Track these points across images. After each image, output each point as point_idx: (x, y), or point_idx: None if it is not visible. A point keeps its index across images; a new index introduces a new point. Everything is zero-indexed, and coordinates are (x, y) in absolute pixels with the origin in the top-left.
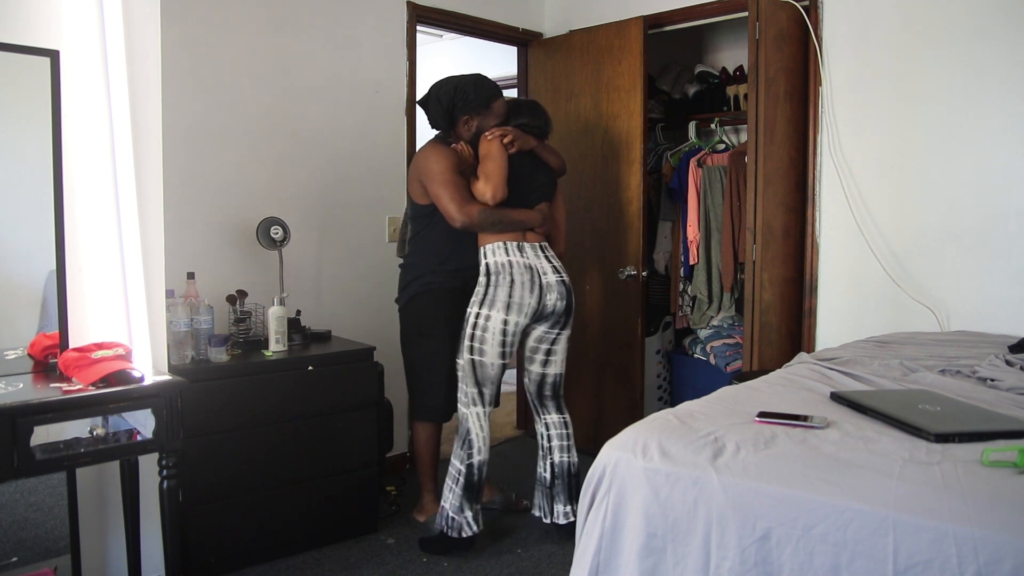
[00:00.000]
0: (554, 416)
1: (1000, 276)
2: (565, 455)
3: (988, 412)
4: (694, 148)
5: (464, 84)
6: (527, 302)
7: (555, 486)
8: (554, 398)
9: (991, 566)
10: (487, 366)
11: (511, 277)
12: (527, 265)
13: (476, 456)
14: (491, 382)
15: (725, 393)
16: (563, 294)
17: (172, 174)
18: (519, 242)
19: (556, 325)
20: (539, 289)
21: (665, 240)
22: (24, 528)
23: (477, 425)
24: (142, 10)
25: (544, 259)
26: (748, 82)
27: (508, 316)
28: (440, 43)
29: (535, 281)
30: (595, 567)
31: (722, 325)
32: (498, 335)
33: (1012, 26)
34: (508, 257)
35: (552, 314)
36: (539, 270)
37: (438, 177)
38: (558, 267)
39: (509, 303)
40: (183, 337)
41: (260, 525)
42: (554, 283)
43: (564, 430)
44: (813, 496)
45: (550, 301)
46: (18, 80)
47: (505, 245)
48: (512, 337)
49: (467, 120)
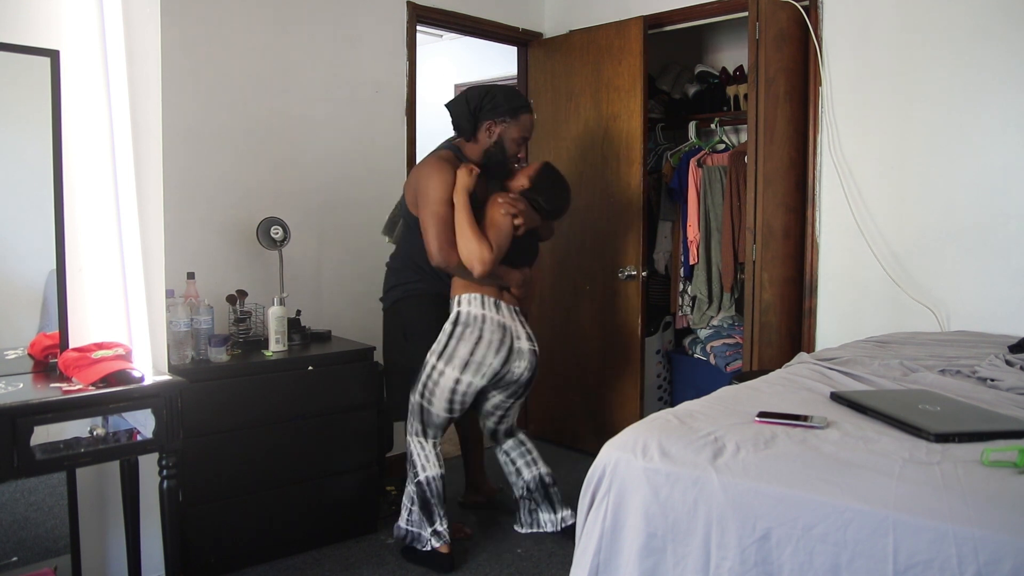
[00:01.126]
0: (508, 442)
1: (1000, 276)
2: (534, 468)
3: (988, 412)
4: (694, 148)
5: (495, 90)
6: (488, 362)
7: (535, 500)
8: (506, 435)
9: (991, 566)
10: (432, 415)
11: (479, 333)
12: (501, 324)
13: (422, 473)
14: (435, 427)
15: (725, 393)
16: (532, 365)
17: (172, 174)
18: (496, 299)
19: (513, 396)
20: (507, 351)
21: (665, 240)
22: (24, 528)
23: (418, 448)
24: (142, 10)
25: (519, 323)
26: (748, 82)
27: (462, 376)
28: (440, 43)
29: (504, 342)
30: (595, 567)
31: (722, 325)
32: (446, 392)
33: (1012, 26)
34: (483, 311)
35: (513, 383)
36: (513, 332)
37: (431, 207)
38: (531, 335)
39: (468, 361)
40: (183, 337)
41: (260, 525)
42: (526, 351)
43: (522, 447)
44: (813, 496)
45: (517, 369)
46: (18, 80)
47: (482, 299)
48: (463, 396)
49: (490, 126)
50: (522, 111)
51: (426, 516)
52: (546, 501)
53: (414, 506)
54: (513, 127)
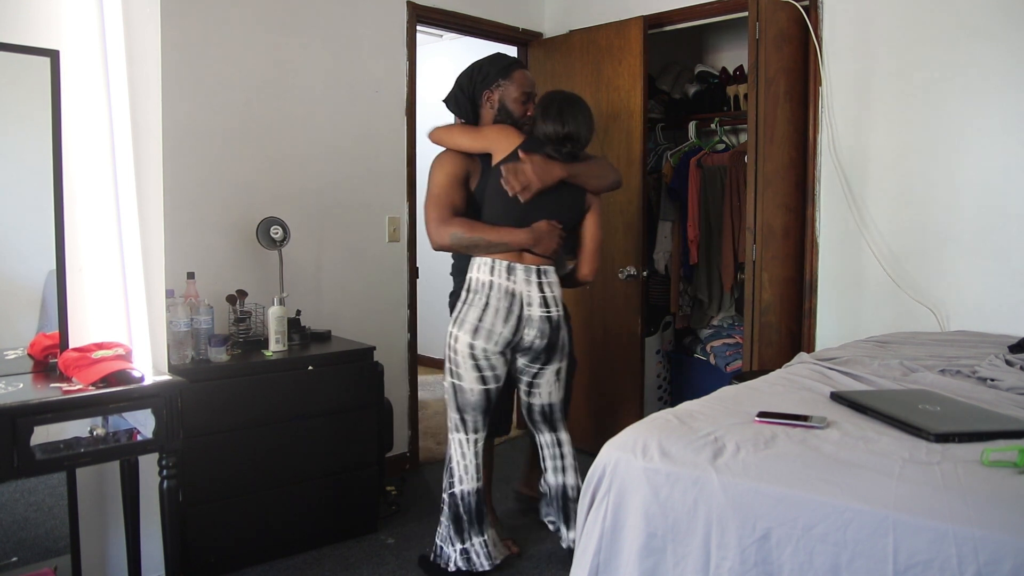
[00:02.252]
0: (546, 435)
1: (1000, 276)
2: (560, 476)
3: (988, 412)
4: (694, 148)
5: (480, 61)
6: (498, 330)
7: (552, 508)
8: (545, 422)
9: (991, 566)
10: (465, 391)
11: (486, 300)
12: (509, 290)
13: (457, 485)
14: (472, 408)
15: (725, 393)
16: (544, 332)
17: (172, 174)
18: (511, 262)
19: (536, 360)
20: (516, 320)
21: (665, 240)
22: (24, 528)
23: (459, 452)
24: (142, 10)
25: (535, 286)
26: (748, 82)
27: (475, 341)
28: (440, 43)
29: (512, 311)
30: (595, 567)
31: (722, 325)
32: (468, 359)
33: (1012, 26)
34: (491, 277)
35: (530, 349)
36: (523, 298)
37: (431, 188)
38: (549, 297)
39: (477, 327)
40: (183, 337)
41: (260, 525)
42: (536, 317)
43: (556, 449)
44: (813, 496)
45: (528, 336)
46: (18, 80)
47: (493, 264)
48: (486, 362)
49: (488, 96)
50: (512, 68)
51: (456, 532)
52: (561, 516)
53: (444, 517)
54: (510, 87)
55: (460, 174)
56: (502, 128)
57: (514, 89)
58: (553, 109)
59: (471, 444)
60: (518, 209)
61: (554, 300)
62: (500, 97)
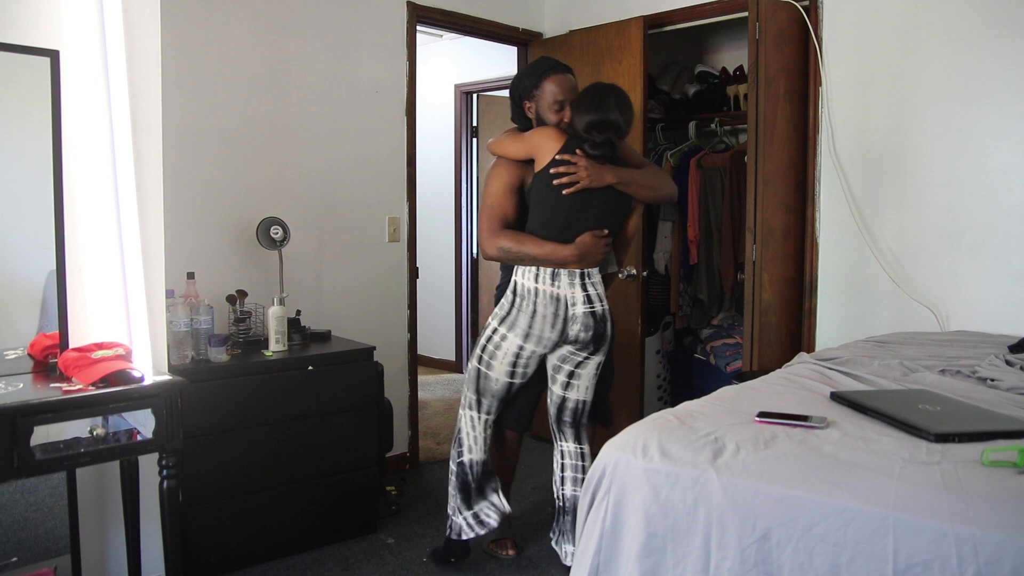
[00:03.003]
0: (570, 445)
1: (1000, 276)
2: (579, 489)
3: (988, 412)
4: (694, 148)
5: (522, 70)
6: (547, 335)
7: (563, 520)
8: (573, 426)
9: (991, 566)
10: (491, 380)
11: (534, 307)
12: (554, 296)
13: (467, 454)
14: (491, 395)
15: (725, 393)
16: (588, 325)
17: (172, 174)
18: (555, 269)
19: (584, 348)
20: (562, 323)
21: (665, 240)
22: (24, 528)
23: (468, 425)
24: (142, 10)
25: (579, 287)
26: (748, 82)
27: (525, 344)
28: (440, 43)
29: (558, 315)
30: (595, 567)
31: (722, 325)
32: (510, 357)
33: (1012, 26)
34: (536, 284)
35: (577, 342)
36: (567, 301)
37: (484, 199)
38: (593, 295)
39: (529, 333)
40: (183, 337)
41: (260, 525)
42: (580, 314)
43: (579, 462)
44: (813, 496)
45: (572, 331)
46: (18, 80)
47: (537, 271)
48: (526, 360)
49: (528, 107)
50: (544, 76)
51: (464, 500)
52: (573, 530)
53: (452, 488)
54: (544, 95)
55: (513, 182)
56: (543, 130)
57: (549, 97)
58: (587, 98)
59: (482, 423)
60: (564, 213)
61: (598, 297)
62: (537, 107)
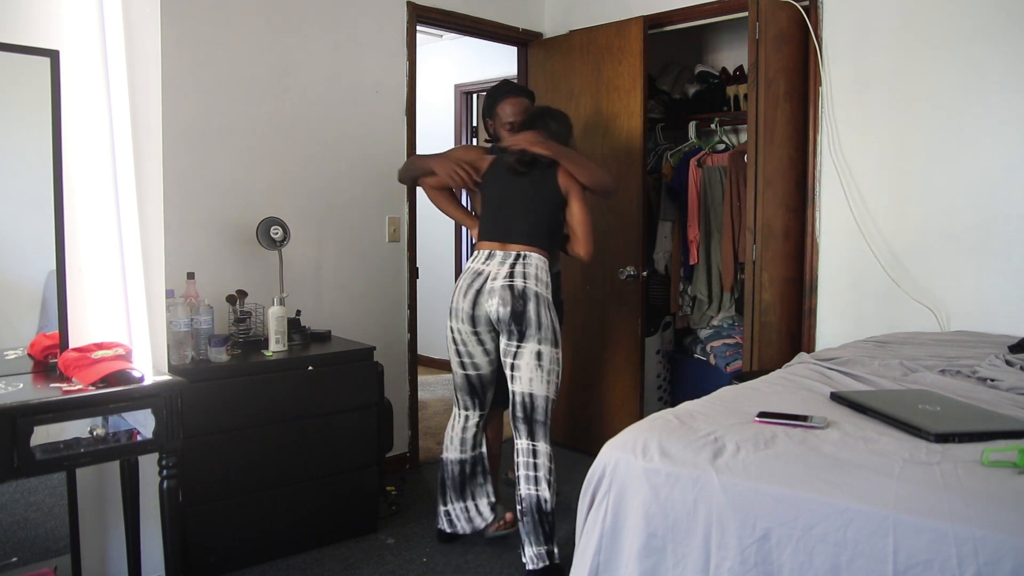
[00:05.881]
0: (523, 442)
1: (1000, 276)
2: (531, 488)
3: (988, 412)
4: (694, 148)
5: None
6: (461, 307)
7: (523, 522)
8: (525, 421)
9: (991, 566)
10: (454, 373)
11: (457, 284)
12: (476, 271)
13: (444, 452)
14: (459, 389)
15: (725, 393)
16: (505, 299)
17: (172, 174)
18: (492, 250)
19: (512, 336)
20: (474, 293)
21: (665, 240)
22: (24, 528)
23: (450, 424)
24: (142, 10)
25: (508, 265)
26: (748, 82)
27: (452, 323)
28: (440, 43)
29: (472, 286)
30: (595, 567)
31: (722, 325)
32: (450, 343)
33: (1012, 26)
34: (469, 263)
35: (500, 321)
36: (488, 275)
37: None
38: (518, 272)
39: (450, 308)
40: (183, 337)
41: (260, 525)
42: (497, 288)
43: (531, 459)
44: (813, 496)
45: (491, 307)
46: (18, 80)
47: (477, 252)
48: (463, 347)
49: (490, 124)
50: (499, 101)
51: (440, 495)
52: (533, 531)
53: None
54: (499, 118)
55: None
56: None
57: (501, 120)
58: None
59: (460, 419)
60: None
61: (523, 275)
62: (494, 127)
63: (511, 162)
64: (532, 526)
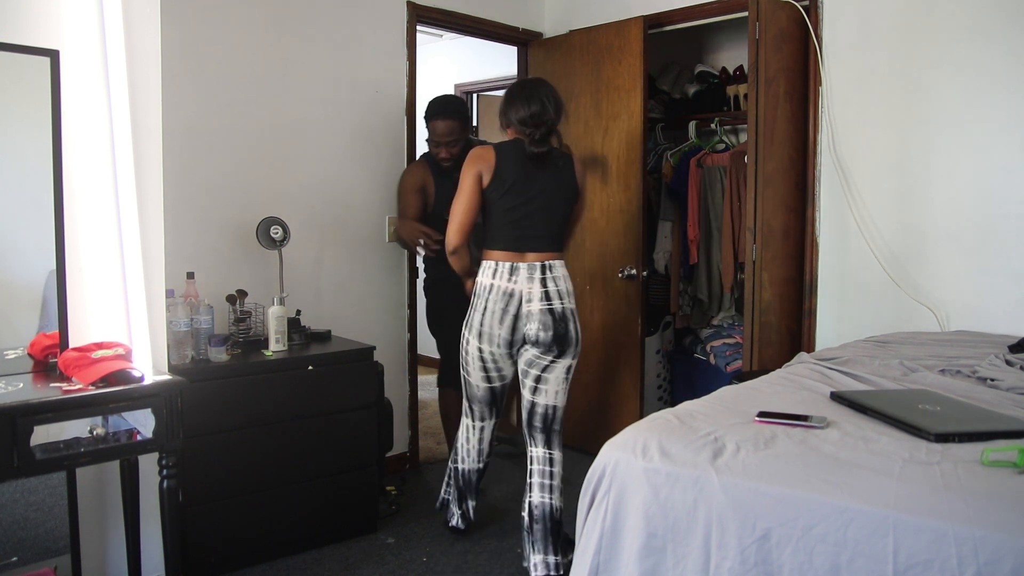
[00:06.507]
0: (539, 450)
1: (1000, 276)
2: (546, 496)
3: (988, 412)
4: (694, 148)
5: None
6: (496, 333)
7: (533, 530)
8: (543, 431)
9: (991, 566)
10: (472, 386)
11: (484, 304)
12: (506, 291)
13: (460, 464)
14: (478, 401)
15: (725, 393)
16: (547, 324)
17: (172, 174)
18: (514, 263)
19: (548, 351)
20: (512, 319)
21: (665, 240)
22: (24, 528)
23: (463, 436)
24: (142, 10)
25: (538, 282)
26: (748, 82)
27: (481, 344)
28: (440, 43)
29: (508, 311)
30: (595, 567)
31: (722, 325)
32: (476, 360)
33: (1012, 25)
34: (492, 280)
35: (539, 343)
36: (522, 296)
37: None
38: (552, 292)
39: (481, 331)
40: (183, 337)
41: (260, 525)
42: (536, 311)
43: (547, 467)
44: (813, 496)
45: (531, 331)
46: (18, 80)
47: (496, 266)
48: (493, 363)
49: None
50: (429, 120)
51: (458, 498)
52: (543, 539)
53: (451, 481)
54: (431, 133)
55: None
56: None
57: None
58: (517, 93)
59: (476, 431)
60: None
61: (557, 294)
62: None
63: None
64: (543, 534)
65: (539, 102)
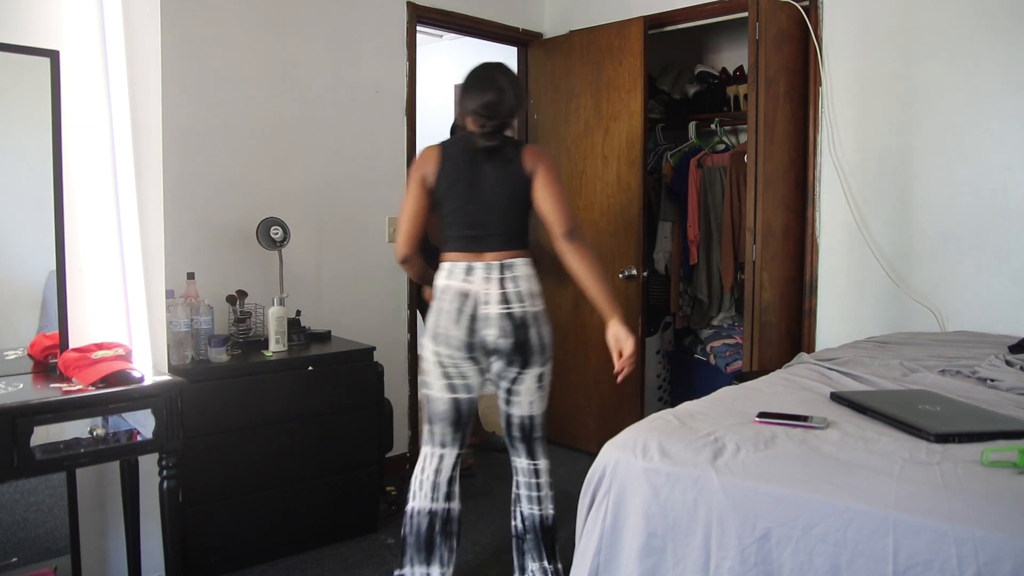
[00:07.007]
0: (522, 460)
1: (1000, 276)
2: (535, 507)
3: (988, 412)
4: (694, 148)
5: None
6: (452, 334)
7: (525, 541)
8: (524, 441)
9: (991, 566)
10: (433, 400)
11: (439, 304)
12: (461, 291)
13: (410, 502)
14: (439, 419)
15: (725, 393)
16: (506, 330)
17: (172, 174)
18: (470, 263)
19: (512, 364)
20: (468, 321)
21: (665, 240)
22: (24, 528)
23: (419, 467)
24: (142, 11)
25: (496, 282)
26: (748, 82)
27: (438, 347)
28: (440, 43)
29: (464, 312)
30: (595, 567)
31: (722, 325)
32: (436, 367)
33: (1012, 25)
34: (447, 280)
35: (497, 351)
36: (478, 298)
37: None
38: (511, 293)
39: (436, 333)
40: (183, 337)
41: (260, 525)
42: (494, 315)
43: (533, 479)
44: (813, 496)
45: (489, 337)
46: (18, 80)
47: (451, 267)
48: (454, 367)
49: None
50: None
51: (402, 553)
52: (536, 548)
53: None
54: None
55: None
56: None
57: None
58: (472, 80)
59: (434, 459)
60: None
61: (517, 296)
62: None
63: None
64: (535, 543)
65: (495, 90)
